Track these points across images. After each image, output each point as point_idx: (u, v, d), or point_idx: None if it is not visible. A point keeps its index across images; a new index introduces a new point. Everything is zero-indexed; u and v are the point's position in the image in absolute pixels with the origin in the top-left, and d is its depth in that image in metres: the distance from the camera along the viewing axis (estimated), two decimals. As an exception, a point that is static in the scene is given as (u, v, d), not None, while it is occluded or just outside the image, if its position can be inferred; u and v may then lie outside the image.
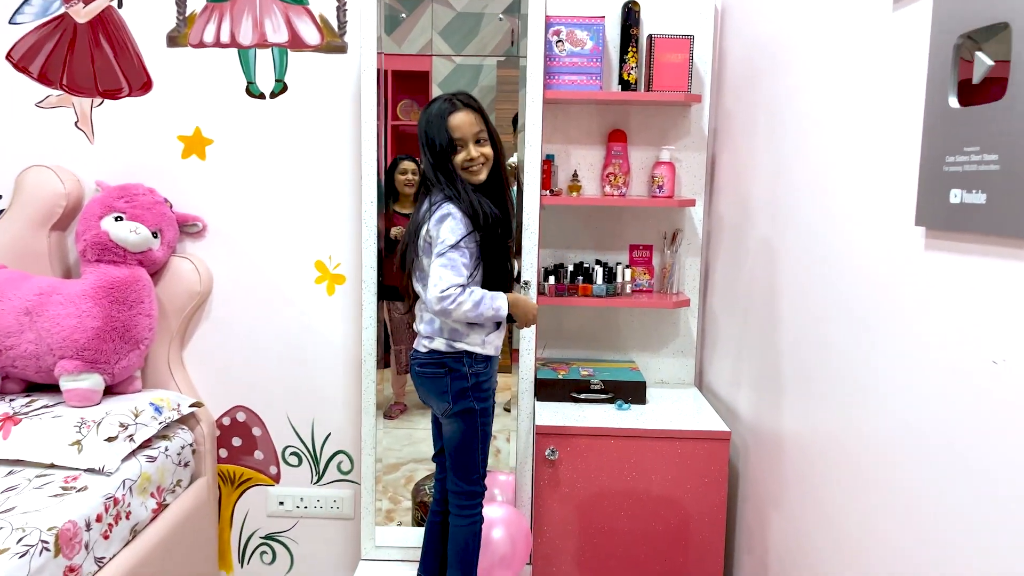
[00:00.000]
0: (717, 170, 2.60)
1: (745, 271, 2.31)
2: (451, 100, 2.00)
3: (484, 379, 2.05)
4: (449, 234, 1.92)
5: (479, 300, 1.94)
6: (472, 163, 1.99)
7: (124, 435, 2.30)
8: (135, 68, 2.66)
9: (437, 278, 1.90)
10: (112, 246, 2.48)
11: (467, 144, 1.98)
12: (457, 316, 1.92)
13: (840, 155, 1.67)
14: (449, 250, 1.91)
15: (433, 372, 2.04)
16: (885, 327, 1.47)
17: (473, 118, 2.00)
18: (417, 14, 2.50)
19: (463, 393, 2.03)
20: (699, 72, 2.58)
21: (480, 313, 1.94)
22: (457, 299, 1.90)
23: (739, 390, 2.36)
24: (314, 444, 2.82)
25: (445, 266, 1.90)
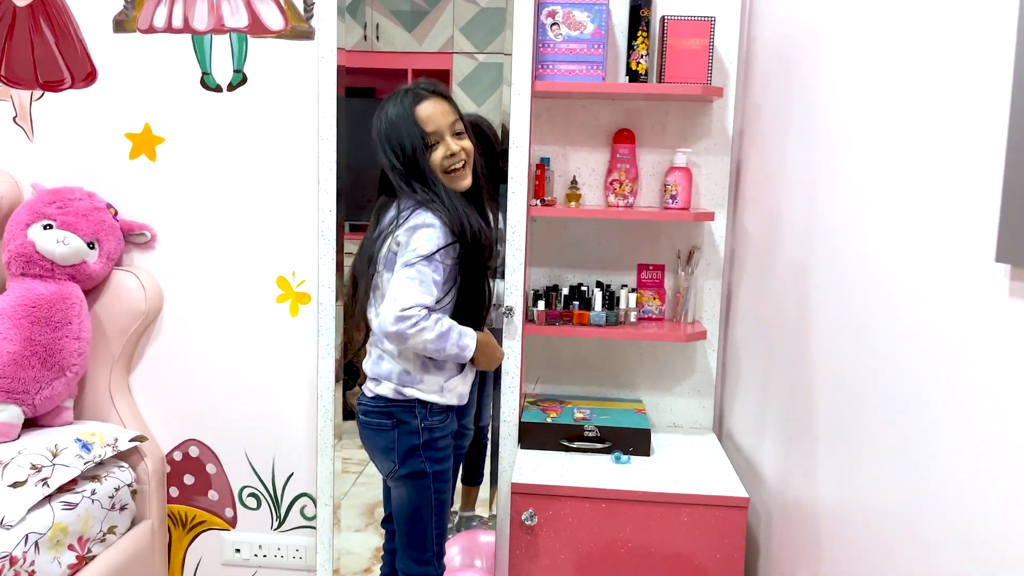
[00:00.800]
0: (742, 178, 2.19)
1: (774, 299, 1.90)
2: (413, 91, 1.66)
3: (440, 435, 1.68)
4: (424, 243, 1.57)
5: (445, 332, 1.59)
6: (454, 160, 1.65)
7: (36, 479, 1.98)
8: (78, 57, 2.35)
9: (399, 291, 1.55)
10: (38, 258, 2.17)
11: (444, 137, 1.65)
12: (414, 344, 1.57)
13: (896, 167, 1.26)
14: (420, 261, 1.56)
15: (378, 423, 1.69)
16: (953, 382, 1.06)
17: (445, 106, 1.66)
18: (439, 10, 2.28)
19: (412, 452, 1.67)
20: (722, 61, 2.18)
21: (442, 348, 1.59)
22: (420, 323, 1.55)
23: (763, 441, 1.95)
24: (275, 485, 2.47)
25: (412, 279, 1.55)
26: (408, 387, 1.67)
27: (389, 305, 1.56)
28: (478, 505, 2.42)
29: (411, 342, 1.57)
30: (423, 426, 1.67)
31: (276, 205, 2.35)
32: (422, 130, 1.62)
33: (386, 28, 2.30)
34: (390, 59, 2.33)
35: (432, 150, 1.64)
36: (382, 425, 1.68)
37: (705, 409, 2.33)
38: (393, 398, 1.67)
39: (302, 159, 2.31)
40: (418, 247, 1.58)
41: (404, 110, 1.62)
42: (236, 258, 2.38)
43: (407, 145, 1.62)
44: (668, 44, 2.08)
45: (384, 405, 1.68)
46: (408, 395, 1.66)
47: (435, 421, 1.68)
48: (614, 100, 2.22)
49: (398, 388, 1.67)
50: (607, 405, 2.25)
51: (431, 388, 1.67)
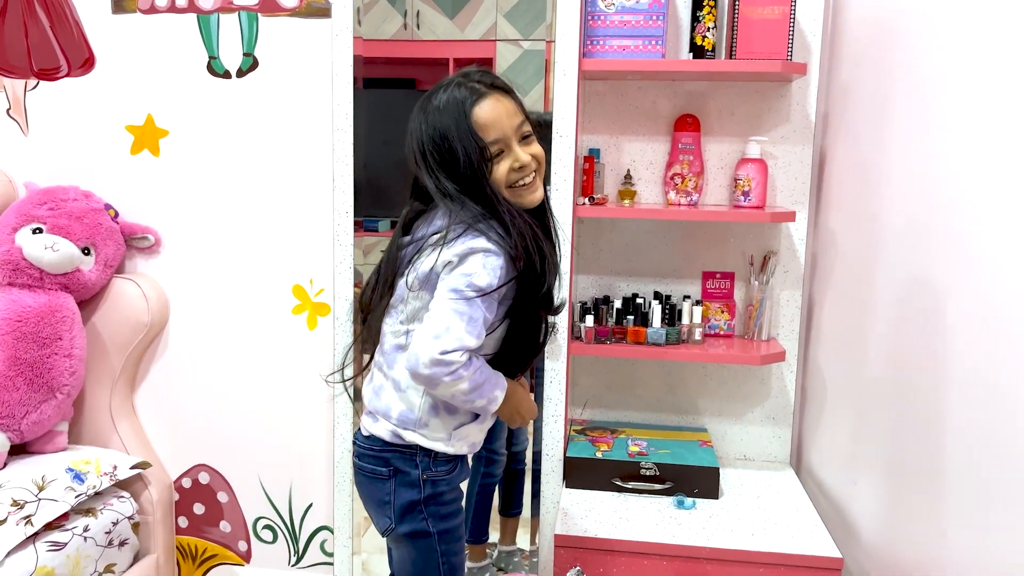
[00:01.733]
0: (828, 171, 1.86)
1: (870, 316, 1.57)
2: (467, 85, 1.31)
3: (446, 489, 1.39)
4: (483, 271, 1.25)
5: (481, 383, 1.29)
6: (523, 174, 1.32)
7: (17, 517, 1.75)
8: (75, 41, 2.12)
9: (442, 327, 1.24)
10: (25, 266, 1.94)
11: (511, 146, 1.31)
12: (444, 392, 1.28)
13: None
14: (476, 295, 1.25)
15: (372, 469, 1.40)
16: None
17: (510, 104, 1.32)
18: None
19: (412, 508, 1.37)
20: (803, 33, 1.85)
21: (472, 400, 1.30)
22: (460, 371, 1.24)
23: (857, 479, 1.62)
24: (292, 516, 2.22)
25: (461, 315, 1.24)
26: (409, 430, 1.36)
27: (427, 343, 1.24)
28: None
29: (441, 389, 1.27)
30: (425, 478, 1.37)
31: (292, 205, 2.09)
32: (482, 140, 1.28)
33: (427, 16, 2.13)
34: (431, 48, 2.14)
35: (495, 163, 1.31)
36: (377, 473, 1.39)
37: (781, 440, 2.00)
38: (390, 442, 1.37)
39: (321, 153, 2.04)
40: (475, 275, 1.25)
41: (457, 113, 1.28)
42: (248, 264, 2.13)
43: (462, 159, 1.28)
44: (740, 14, 1.76)
45: (379, 449, 1.38)
46: (408, 440, 1.36)
47: (440, 472, 1.38)
48: (675, 81, 1.91)
49: (396, 430, 1.37)
50: (667, 435, 1.94)
51: (437, 434, 1.37)
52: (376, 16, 2.09)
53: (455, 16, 2.10)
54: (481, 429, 1.41)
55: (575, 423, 2.02)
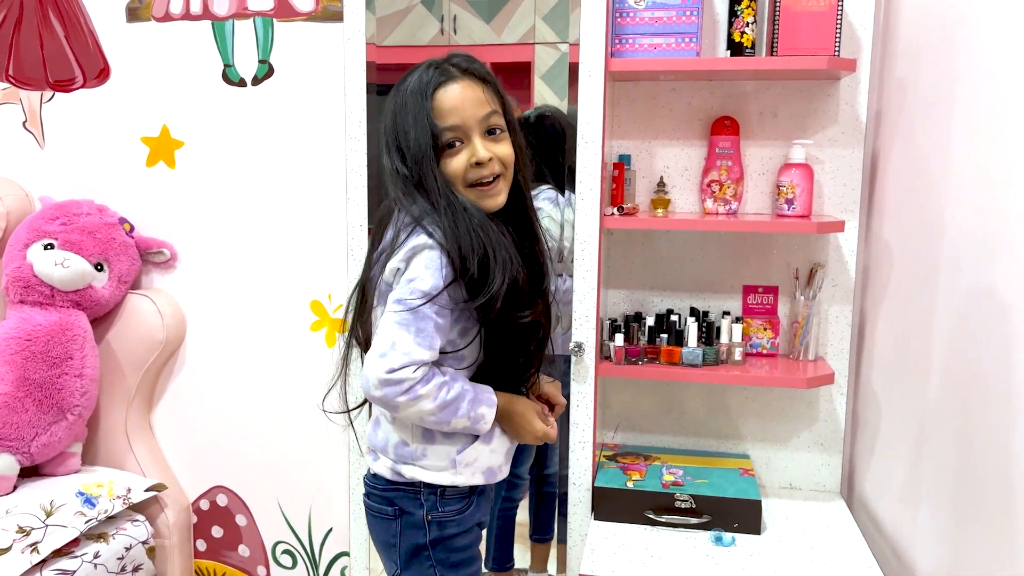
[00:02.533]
0: (881, 176, 1.71)
1: (929, 332, 1.42)
2: (442, 66, 1.22)
3: (456, 532, 1.27)
4: (425, 273, 1.14)
5: (451, 400, 1.17)
6: (481, 171, 1.20)
7: (23, 544, 1.69)
8: (90, 52, 2.07)
9: (388, 343, 1.14)
10: (36, 283, 1.89)
11: (469, 137, 1.20)
12: (408, 415, 1.17)
13: None
14: (421, 301, 1.13)
15: (378, 509, 1.30)
16: None
17: (480, 92, 1.21)
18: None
19: (417, 552, 1.26)
20: (852, 26, 1.70)
21: (446, 420, 1.18)
22: (415, 388, 1.13)
23: (917, 513, 1.47)
24: (311, 541, 2.13)
25: (407, 326, 1.14)
26: (407, 464, 1.25)
27: (374, 362, 1.13)
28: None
29: (404, 412, 1.16)
30: (430, 519, 1.25)
31: (309, 218, 2.00)
32: (436, 124, 1.17)
33: (463, 20, 2.05)
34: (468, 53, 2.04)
35: (450, 153, 1.20)
36: (383, 512, 1.29)
37: (830, 468, 1.84)
38: (392, 480, 1.27)
39: (337, 164, 1.95)
40: (418, 279, 1.14)
41: (421, 93, 1.18)
42: (265, 279, 2.05)
43: (412, 143, 1.18)
44: (782, 7, 1.61)
45: (383, 488, 1.28)
46: (408, 476, 1.25)
47: (448, 512, 1.26)
48: (712, 80, 1.77)
49: (395, 467, 1.26)
50: (705, 462, 1.80)
51: (438, 464, 1.24)
52: (413, 22, 2.02)
53: (491, 20, 2.02)
54: (494, 451, 1.27)
55: (605, 447, 1.89)
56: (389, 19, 1.99)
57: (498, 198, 1.23)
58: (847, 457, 1.85)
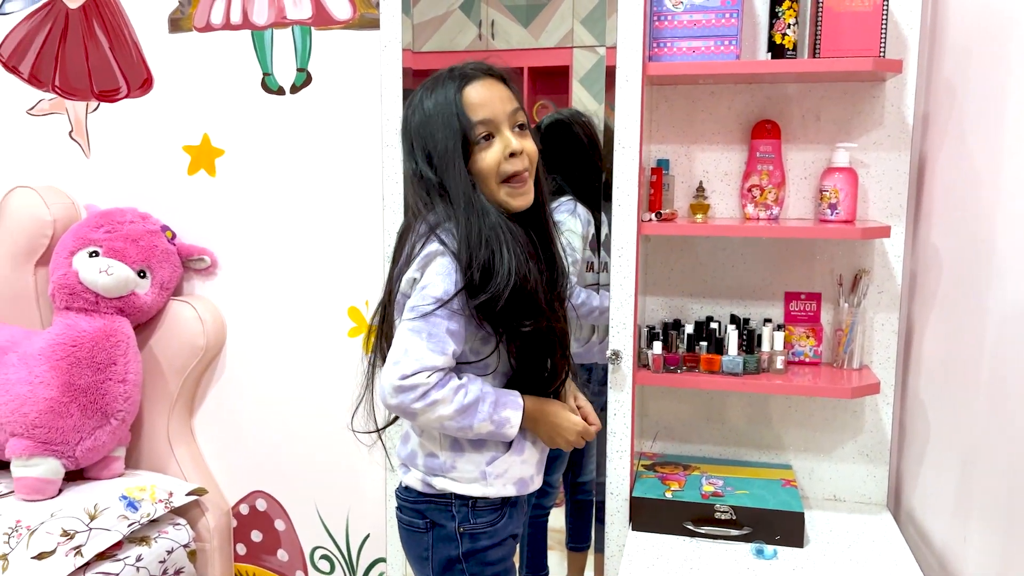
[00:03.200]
0: (928, 180, 1.66)
1: (980, 341, 1.37)
2: (461, 71, 1.23)
3: (489, 544, 1.26)
4: (437, 279, 1.15)
5: (469, 404, 1.17)
6: (515, 163, 1.20)
7: (67, 547, 1.72)
8: (133, 62, 2.10)
9: (401, 351, 1.15)
10: (81, 290, 1.92)
11: (500, 130, 1.20)
12: (427, 422, 1.17)
13: None
14: (433, 306, 1.14)
15: (410, 522, 1.30)
16: None
17: (504, 90, 1.22)
18: (557, 1, 2.03)
19: (450, 566, 1.26)
20: (898, 26, 1.65)
21: (467, 426, 1.17)
22: (430, 393, 1.14)
23: (967, 528, 1.42)
24: (349, 547, 2.14)
25: (419, 332, 1.14)
26: (438, 476, 1.25)
27: (388, 370, 1.15)
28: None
29: (422, 419, 1.16)
30: (462, 531, 1.25)
31: (347, 225, 2.01)
32: (469, 119, 1.18)
33: (501, 25, 2.06)
34: (506, 58, 2.02)
35: (483, 147, 1.20)
36: (414, 526, 1.29)
37: (876, 479, 1.80)
38: (423, 492, 1.27)
39: (375, 169, 1.96)
40: (430, 286, 1.15)
41: (446, 92, 1.19)
42: (304, 285, 2.07)
43: (441, 139, 1.17)
44: (825, 7, 1.58)
45: (414, 500, 1.28)
46: (439, 488, 1.25)
47: (480, 524, 1.25)
48: (752, 83, 1.74)
49: (426, 478, 1.26)
50: (746, 472, 1.76)
51: (468, 475, 1.24)
52: (452, 27, 2.02)
53: (529, 24, 2.02)
54: (526, 462, 1.26)
55: (644, 457, 1.87)
56: (427, 25, 1.99)
57: (528, 196, 1.24)
58: (894, 469, 1.80)
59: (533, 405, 1.25)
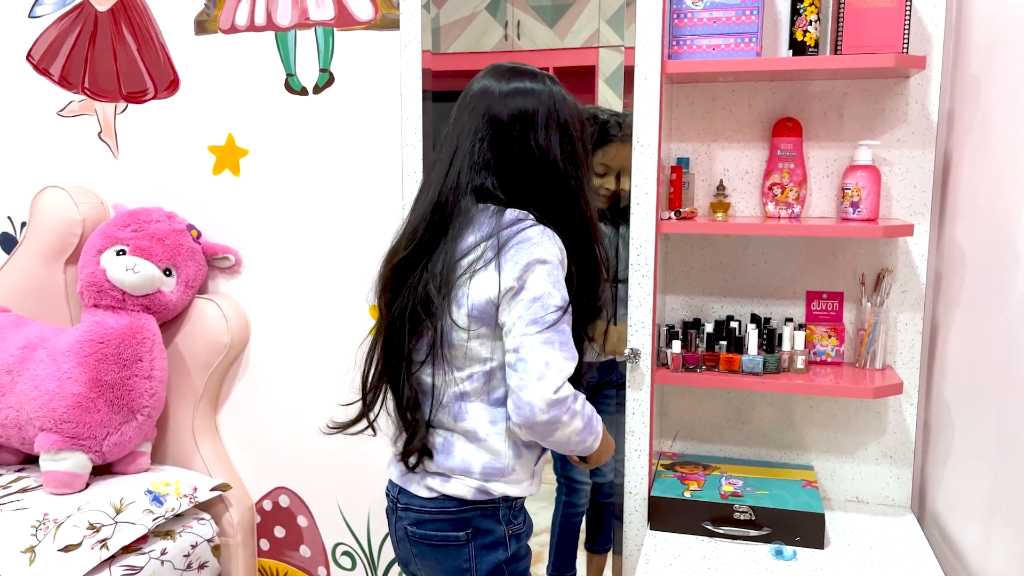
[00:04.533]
0: (953, 178, 1.64)
1: (1006, 342, 1.35)
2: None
3: (526, 540, 1.30)
4: (552, 288, 1.15)
5: (591, 416, 1.20)
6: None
7: (92, 540, 1.75)
8: (160, 64, 2.14)
9: (542, 364, 1.12)
10: (109, 288, 1.95)
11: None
12: (560, 438, 1.16)
13: None
14: (558, 315, 1.14)
15: (443, 537, 1.25)
16: None
17: None
18: (583, 2, 2.05)
19: (498, 570, 1.25)
20: (921, 22, 1.63)
21: (583, 440, 1.19)
22: (571, 407, 1.14)
23: (992, 532, 1.39)
24: (370, 544, 2.16)
25: (552, 343, 1.13)
26: (495, 481, 1.23)
27: (535, 388, 1.11)
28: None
29: (559, 434, 1.15)
30: (510, 533, 1.25)
31: (369, 223, 2.03)
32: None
33: (527, 25, 2.08)
34: (532, 58, 2.06)
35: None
36: (450, 540, 1.25)
37: (900, 481, 1.77)
38: (472, 499, 1.23)
39: (396, 169, 1.97)
40: (546, 296, 1.14)
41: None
42: (326, 283, 2.08)
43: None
44: (847, 3, 1.56)
45: (456, 510, 1.24)
46: (495, 492, 1.23)
47: (517, 523, 1.27)
48: (773, 81, 1.73)
49: (482, 485, 1.23)
50: (766, 473, 1.75)
51: (521, 477, 1.25)
52: (478, 28, 2.04)
53: (555, 24, 2.03)
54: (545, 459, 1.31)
55: (663, 456, 1.86)
56: (454, 26, 2.00)
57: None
58: (918, 470, 1.78)
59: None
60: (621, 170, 1.68)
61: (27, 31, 2.22)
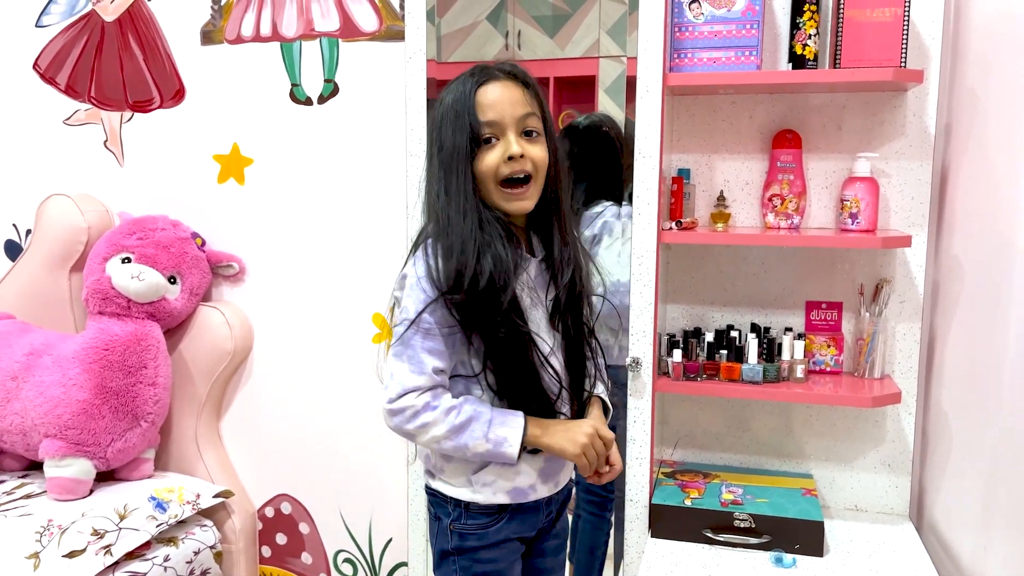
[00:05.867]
0: (950, 190, 1.66)
1: (1004, 352, 1.37)
2: (484, 68, 1.24)
3: (478, 544, 1.29)
4: (408, 301, 1.20)
5: (462, 423, 1.19)
6: (513, 166, 1.19)
7: (97, 547, 1.76)
8: (166, 74, 2.16)
9: (387, 376, 1.21)
10: (114, 295, 1.97)
11: (504, 133, 1.20)
12: (426, 444, 1.22)
13: None
14: (408, 328, 1.18)
15: (429, 512, 1.38)
16: None
17: (520, 94, 1.22)
18: (583, 12, 2.04)
19: (445, 556, 1.32)
20: (920, 36, 1.66)
21: (463, 445, 1.20)
22: (420, 415, 1.18)
23: (991, 541, 1.41)
24: (371, 550, 2.17)
25: (400, 356, 1.19)
26: (432, 476, 1.34)
27: (383, 396, 1.22)
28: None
29: (420, 440, 1.22)
30: (452, 528, 1.30)
31: (372, 232, 2.05)
32: (477, 119, 1.18)
33: (528, 35, 2.07)
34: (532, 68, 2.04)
35: (486, 149, 1.20)
36: (430, 513, 1.37)
37: (899, 489, 1.79)
38: (429, 486, 1.36)
39: (400, 179, 1.99)
40: (403, 307, 1.21)
41: (461, 92, 1.20)
42: (330, 292, 2.10)
43: (449, 139, 1.19)
44: (846, 17, 1.59)
45: (427, 492, 1.37)
46: (434, 487, 1.33)
47: (470, 525, 1.29)
48: (773, 93, 1.75)
49: (427, 478, 1.35)
50: (766, 481, 1.77)
51: (456, 480, 1.29)
52: (478, 38, 2.05)
53: (555, 34, 2.03)
54: (520, 472, 1.27)
55: (664, 464, 1.87)
56: (455, 36, 2.02)
57: (525, 202, 1.23)
58: (916, 479, 1.80)
59: (534, 421, 1.24)
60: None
61: (34, 40, 2.24)
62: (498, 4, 2.02)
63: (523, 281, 1.24)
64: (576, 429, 1.24)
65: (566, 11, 2.02)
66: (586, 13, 2.00)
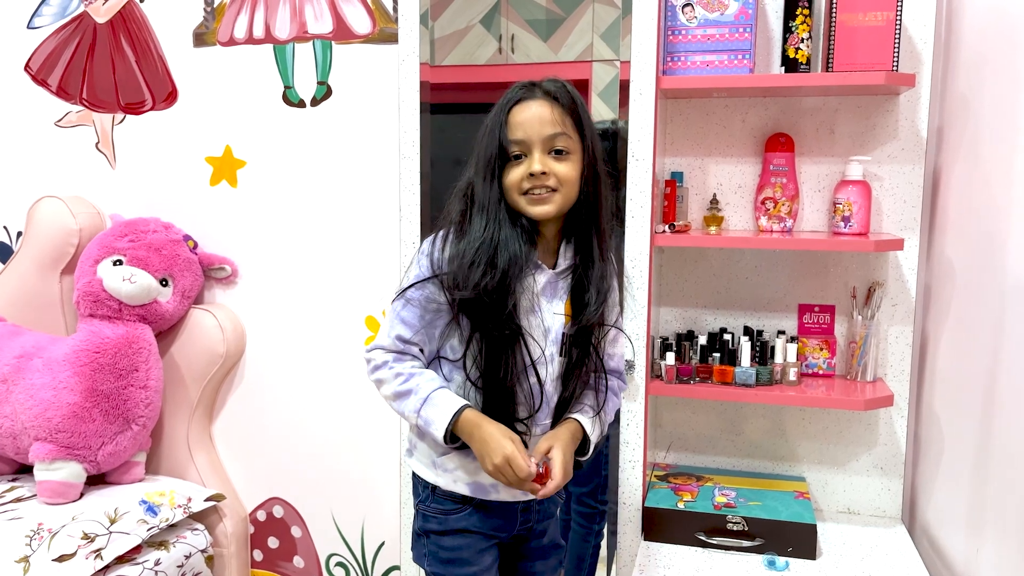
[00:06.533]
0: (942, 193, 1.66)
1: (995, 355, 1.37)
2: (527, 86, 1.27)
3: (438, 528, 1.32)
4: (409, 272, 1.30)
5: (402, 391, 1.24)
6: (534, 182, 1.22)
7: (87, 551, 1.75)
8: (159, 76, 2.15)
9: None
10: (105, 297, 1.96)
11: (531, 151, 1.22)
12: (384, 398, 1.29)
13: None
14: (399, 295, 1.27)
15: None
16: None
17: (552, 113, 1.23)
18: (576, 16, 2.01)
19: (416, 536, 1.38)
20: (912, 40, 1.66)
21: (401, 411, 1.26)
22: (377, 370, 1.27)
23: (982, 543, 1.41)
24: (364, 554, 2.16)
25: (388, 315, 1.29)
26: (411, 455, 1.37)
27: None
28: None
29: (381, 394, 1.29)
30: (418, 508, 1.36)
31: (365, 235, 2.04)
32: (506, 136, 1.23)
33: (521, 39, 2.06)
34: (525, 72, 2.07)
35: (513, 165, 1.24)
36: None
37: (891, 492, 1.79)
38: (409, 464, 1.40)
39: (393, 182, 1.99)
40: (408, 274, 1.30)
41: (500, 108, 1.25)
42: (322, 295, 2.09)
43: (484, 151, 1.25)
44: (838, 21, 1.59)
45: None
46: (411, 465, 1.37)
47: (433, 508, 1.33)
48: (766, 97, 1.75)
49: (407, 454, 1.39)
50: (759, 484, 1.77)
51: (424, 460, 1.34)
52: (472, 41, 2.04)
53: (549, 38, 2.02)
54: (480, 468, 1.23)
55: (657, 467, 1.87)
56: (448, 39, 2.02)
57: (548, 207, 1.24)
58: (909, 482, 1.80)
59: (473, 418, 1.22)
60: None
61: (26, 42, 2.23)
62: (492, 8, 2.02)
63: (528, 284, 1.25)
64: (496, 446, 1.20)
65: (559, 15, 2.01)
66: (579, 17, 1.99)
